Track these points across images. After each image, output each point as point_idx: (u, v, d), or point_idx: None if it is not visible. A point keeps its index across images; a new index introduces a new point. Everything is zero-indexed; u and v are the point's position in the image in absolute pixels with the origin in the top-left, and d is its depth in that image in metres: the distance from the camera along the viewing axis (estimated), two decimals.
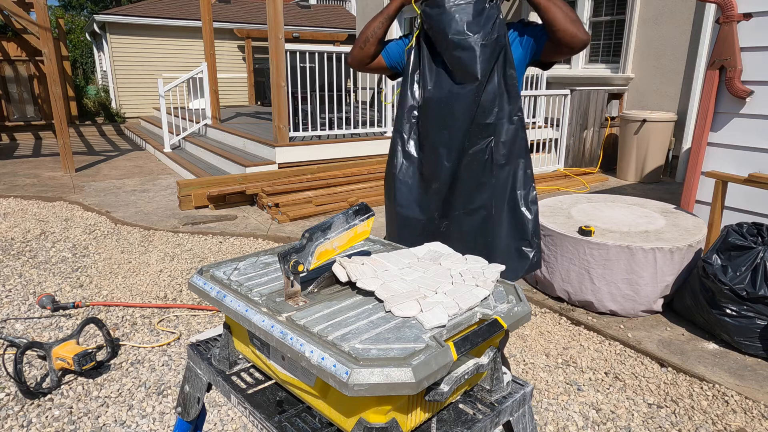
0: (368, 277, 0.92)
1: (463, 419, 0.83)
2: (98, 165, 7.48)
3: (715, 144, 3.16)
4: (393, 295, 0.86)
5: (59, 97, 6.53)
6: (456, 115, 1.71)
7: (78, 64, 17.70)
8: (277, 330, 0.78)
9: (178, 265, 3.74)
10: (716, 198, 3.00)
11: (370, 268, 0.96)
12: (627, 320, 2.81)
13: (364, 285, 0.89)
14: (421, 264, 1.03)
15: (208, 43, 7.80)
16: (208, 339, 1.10)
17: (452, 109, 1.71)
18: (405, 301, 0.83)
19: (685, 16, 5.98)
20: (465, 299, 0.83)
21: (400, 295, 0.85)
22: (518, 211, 1.81)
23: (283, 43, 5.49)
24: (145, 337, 2.75)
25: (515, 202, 1.81)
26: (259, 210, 5.12)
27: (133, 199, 5.52)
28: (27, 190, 5.82)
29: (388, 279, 0.92)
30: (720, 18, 2.97)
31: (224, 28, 13.05)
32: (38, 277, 3.52)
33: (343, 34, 14.75)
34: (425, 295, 0.86)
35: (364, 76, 8.83)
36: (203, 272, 0.99)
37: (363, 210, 0.99)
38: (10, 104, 10.18)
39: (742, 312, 2.42)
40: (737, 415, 2.09)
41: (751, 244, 2.49)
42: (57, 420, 2.09)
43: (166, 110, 7.67)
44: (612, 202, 3.44)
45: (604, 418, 2.10)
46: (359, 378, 0.66)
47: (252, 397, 0.91)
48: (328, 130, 6.26)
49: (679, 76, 6.12)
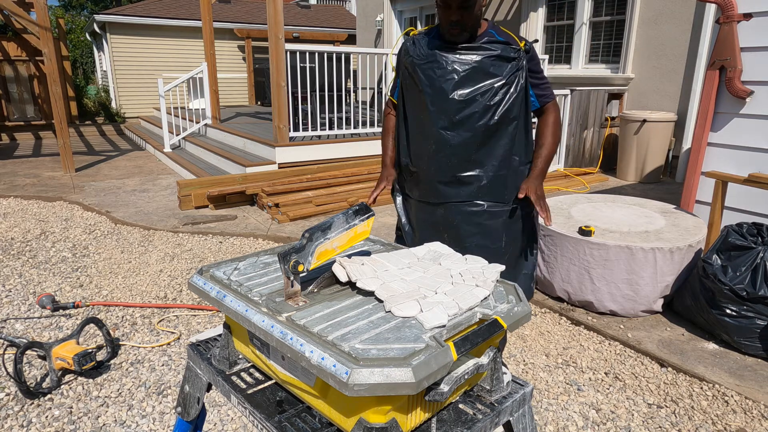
0: (368, 277, 0.92)
1: (463, 419, 0.83)
2: (98, 165, 7.48)
3: (715, 144, 3.16)
4: (393, 295, 0.85)
5: (59, 96, 6.53)
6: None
7: (78, 64, 17.70)
8: (277, 330, 0.78)
9: (178, 265, 3.74)
10: (716, 198, 3.00)
11: (370, 268, 0.96)
12: (627, 320, 2.81)
13: (364, 285, 0.89)
14: (421, 264, 1.03)
15: (208, 43, 7.80)
16: (208, 339, 1.10)
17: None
18: (405, 301, 0.83)
19: (685, 16, 5.98)
20: (465, 299, 0.83)
21: (400, 295, 0.85)
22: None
23: (283, 43, 5.48)
24: (145, 337, 2.74)
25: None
26: (259, 210, 5.12)
27: (133, 199, 5.52)
28: (27, 190, 5.82)
29: (388, 279, 0.92)
30: (720, 18, 2.97)
31: (224, 28, 13.05)
32: (38, 276, 3.52)
33: (343, 34, 14.74)
34: (425, 295, 0.86)
35: (364, 76, 8.82)
36: (203, 272, 0.99)
37: (363, 210, 0.99)
38: (10, 104, 10.18)
39: (742, 312, 2.42)
40: (737, 415, 2.09)
41: (751, 244, 2.49)
42: (57, 420, 2.09)
43: (166, 110, 7.67)
44: (612, 202, 3.44)
45: (604, 418, 2.10)
46: (359, 378, 0.66)
47: (252, 397, 0.91)
48: (328, 130, 6.26)
49: (679, 76, 6.12)
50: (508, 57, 1.71)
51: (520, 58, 1.73)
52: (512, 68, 1.72)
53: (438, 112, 1.76)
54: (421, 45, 1.80)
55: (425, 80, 1.76)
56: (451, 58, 1.74)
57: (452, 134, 1.76)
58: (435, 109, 1.76)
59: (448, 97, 1.73)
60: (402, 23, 10.55)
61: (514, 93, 1.74)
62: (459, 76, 1.72)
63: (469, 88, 1.73)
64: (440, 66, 1.74)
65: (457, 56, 1.73)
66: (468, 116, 1.73)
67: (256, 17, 13.98)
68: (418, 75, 1.77)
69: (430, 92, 1.76)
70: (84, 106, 13.12)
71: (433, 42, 1.78)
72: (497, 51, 1.71)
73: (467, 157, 1.77)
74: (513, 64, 1.72)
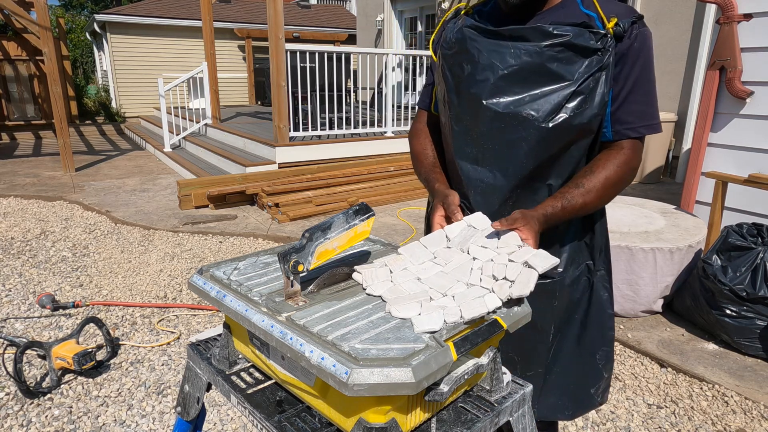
0: (379, 281, 0.90)
1: (462, 419, 0.83)
2: (98, 164, 7.48)
3: (715, 144, 3.16)
4: (398, 296, 0.85)
5: (59, 96, 6.52)
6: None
7: (78, 64, 17.70)
8: (276, 330, 0.78)
9: (178, 264, 3.74)
10: (716, 198, 3.00)
11: (385, 270, 0.94)
12: (627, 320, 2.81)
13: (371, 291, 0.89)
14: (448, 253, 0.95)
15: (209, 42, 7.79)
16: (208, 339, 1.10)
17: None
18: (407, 302, 0.82)
19: (685, 16, 5.98)
20: (471, 308, 0.80)
21: (404, 297, 0.84)
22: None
23: (284, 43, 5.48)
24: (144, 336, 2.74)
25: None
26: (259, 210, 5.12)
27: (133, 198, 5.52)
28: (27, 190, 5.81)
29: (402, 279, 0.90)
30: (720, 18, 2.97)
31: (224, 28, 13.05)
32: (38, 276, 3.51)
33: (344, 34, 14.74)
34: (431, 297, 0.84)
35: (365, 76, 8.82)
36: (203, 272, 0.99)
37: (363, 210, 0.99)
38: (10, 103, 10.18)
39: (741, 312, 2.42)
40: (737, 416, 2.09)
41: (751, 245, 2.49)
42: (57, 419, 2.09)
43: (166, 110, 7.67)
44: (612, 203, 3.44)
45: (604, 418, 2.10)
46: (359, 378, 0.66)
47: (252, 397, 0.91)
48: (328, 130, 6.26)
49: (679, 76, 6.12)
50: (586, 47, 1.02)
51: (606, 48, 1.02)
52: (591, 66, 1.03)
53: (462, 134, 1.15)
54: (456, 27, 1.17)
55: (451, 81, 1.15)
56: (488, 44, 1.09)
57: (480, 171, 1.14)
58: (459, 129, 1.15)
59: (478, 111, 1.10)
60: (402, 23, 10.55)
61: (591, 109, 1.05)
62: (497, 76, 1.07)
63: (511, 95, 1.07)
64: (471, 58, 1.10)
65: (499, 42, 1.08)
66: (507, 145, 1.09)
67: (256, 17, 13.98)
68: (444, 73, 1.18)
69: (455, 101, 1.15)
70: (84, 105, 13.12)
71: (476, 21, 1.14)
72: (568, 35, 1.02)
73: (497, 211, 1.13)
74: (593, 60, 1.03)
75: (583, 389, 1.31)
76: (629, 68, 1.05)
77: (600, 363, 1.31)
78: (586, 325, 1.27)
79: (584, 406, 1.33)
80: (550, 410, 1.32)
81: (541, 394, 1.30)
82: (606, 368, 1.33)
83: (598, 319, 1.28)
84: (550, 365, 1.28)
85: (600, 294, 1.27)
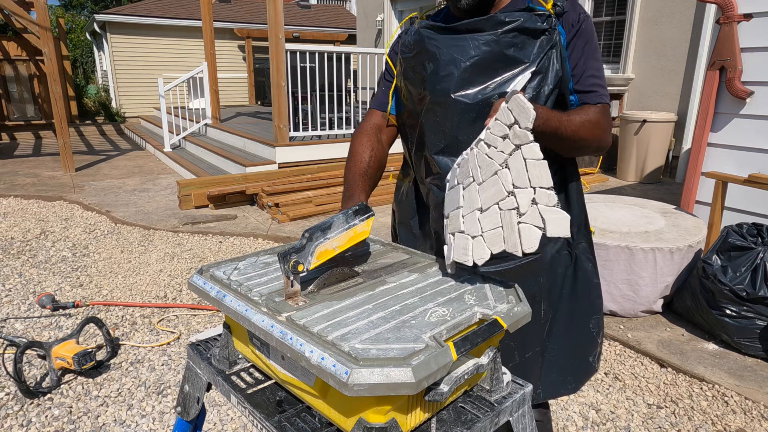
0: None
1: (462, 419, 0.83)
2: (98, 164, 7.48)
3: (715, 144, 3.16)
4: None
5: (59, 96, 6.53)
6: None
7: (78, 64, 17.70)
8: (276, 330, 0.78)
9: (178, 264, 3.74)
10: (716, 198, 3.00)
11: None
12: (627, 320, 2.81)
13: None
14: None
15: (209, 42, 7.79)
16: (208, 339, 1.10)
17: None
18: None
19: (685, 16, 5.98)
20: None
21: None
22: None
23: (284, 42, 5.48)
24: (144, 336, 2.74)
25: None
26: (259, 210, 5.12)
27: (133, 198, 5.52)
28: (27, 190, 5.81)
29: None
30: (720, 18, 2.97)
31: (224, 28, 13.05)
32: (38, 276, 3.51)
33: (344, 34, 14.74)
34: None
35: (365, 76, 8.82)
36: (203, 272, 0.99)
37: (363, 210, 0.99)
38: (10, 103, 10.18)
39: (741, 312, 2.42)
40: (737, 416, 2.09)
41: (751, 245, 2.49)
42: (57, 419, 2.09)
43: (166, 110, 7.67)
44: (612, 203, 3.44)
45: (604, 418, 2.10)
46: (359, 378, 0.66)
47: (252, 397, 0.91)
48: (328, 130, 6.26)
49: (679, 76, 6.12)
50: (535, 29, 1.09)
51: (552, 28, 1.10)
52: (543, 46, 1.10)
53: (434, 130, 1.20)
54: (411, 32, 1.24)
55: (416, 81, 1.20)
56: (447, 40, 1.14)
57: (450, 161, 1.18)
58: (431, 125, 1.20)
59: (447, 105, 1.15)
60: (401, 20, 10.55)
61: (548, 86, 1.12)
62: (460, 69, 1.12)
63: (477, 85, 1.13)
64: (432, 56, 1.15)
65: (458, 37, 1.13)
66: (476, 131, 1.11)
67: (256, 17, 13.98)
68: (408, 74, 1.22)
69: (425, 99, 1.21)
70: (84, 105, 13.12)
71: (430, 24, 1.20)
72: (519, 19, 1.09)
73: None
74: (543, 41, 1.10)
75: (582, 359, 1.35)
76: (583, 44, 1.13)
77: (594, 331, 1.35)
78: (575, 297, 1.31)
79: (585, 375, 1.37)
80: (553, 388, 1.34)
81: (542, 374, 1.31)
82: (599, 335, 1.38)
83: (587, 290, 1.32)
84: (545, 343, 1.30)
85: (584, 265, 1.31)
